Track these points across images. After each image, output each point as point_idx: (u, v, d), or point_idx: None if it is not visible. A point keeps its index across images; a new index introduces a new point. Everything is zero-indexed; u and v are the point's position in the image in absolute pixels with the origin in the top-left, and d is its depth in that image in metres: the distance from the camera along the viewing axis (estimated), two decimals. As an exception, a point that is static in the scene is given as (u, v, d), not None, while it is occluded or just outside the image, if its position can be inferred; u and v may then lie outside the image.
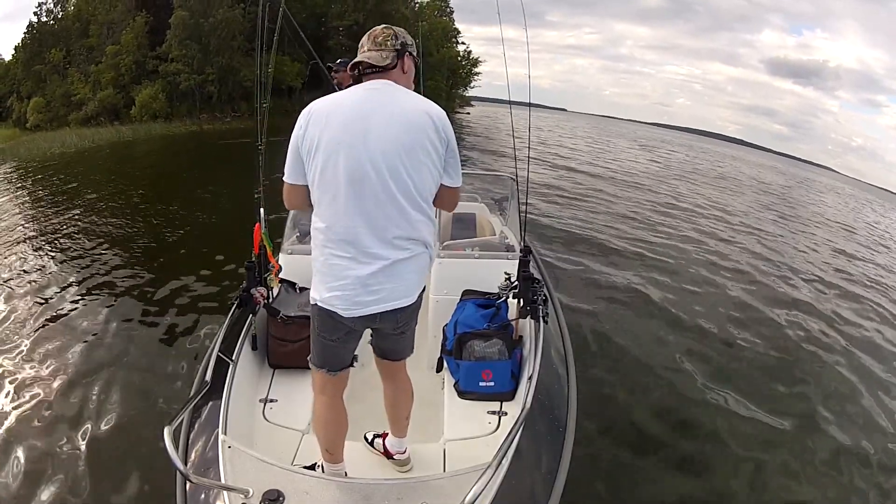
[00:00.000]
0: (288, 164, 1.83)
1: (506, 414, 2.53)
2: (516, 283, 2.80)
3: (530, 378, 2.25)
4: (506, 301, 2.91)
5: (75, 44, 32.23)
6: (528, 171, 3.42)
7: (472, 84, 47.14)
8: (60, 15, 33.38)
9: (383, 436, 2.33)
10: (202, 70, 30.63)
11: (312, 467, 2.03)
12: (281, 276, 2.95)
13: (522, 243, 3.19)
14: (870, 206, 30.03)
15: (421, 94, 1.89)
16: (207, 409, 2.13)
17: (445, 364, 2.84)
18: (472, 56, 45.89)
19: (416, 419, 2.30)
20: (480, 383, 2.63)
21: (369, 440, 2.37)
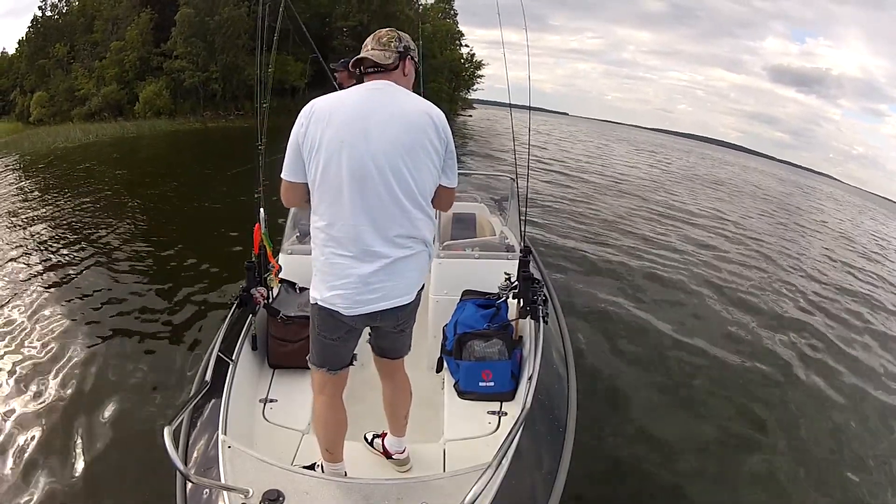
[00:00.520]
0: (287, 161, 1.83)
1: (506, 414, 2.53)
2: (516, 283, 2.81)
3: (530, 378, 2.25)
4: (506, 301, 2.91)
5: (80, 39, 32.27)
6: (528, 172, 3.43)
7: (474, 87, 47.15)
8: (65, 10, 33.46)
9: (382, 436, 2.33)
10: (206, 68, 30.67)
11: (312, 467, 2.03)
12: (281, 276, 2.96)
13: (522, 243, 3.20)
14: (868, 215, 29.96)
15: (422, 96, 1.90)
16: (207, 409, 2.13)
17: (445, 364, 2.84)
18: (474, 59, 45.91)
19: (415, 419, 2.30)
20: (480, 383, 2.64)
21: (369, 440, 2.37)
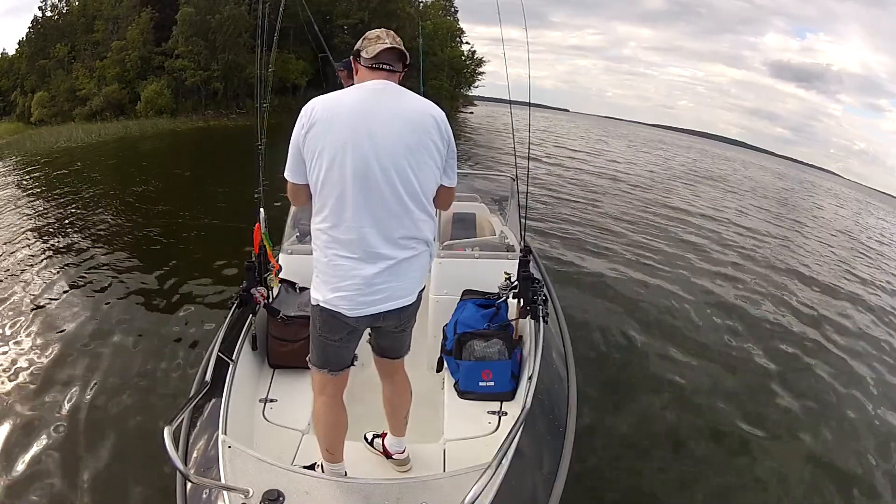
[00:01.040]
0: (290, 163, 1.81)
1: (506, 414, 2.53)
2: (516, 283, 2.81)
3: (530, 378, 2.25)
4: (506, 301, 2.91)
5: (80, 39, 32.26)
6: (528, 171, 3.42)
7: (475, 84, 47.14)
8: (65, 10, 33.44)
9: (382, 436, 2.33)
10: (208, 66, 30.67)
11: (312, 467, 2.04)
12: (281, 276, 2.96)
13: (522, 243, 3.20)
14: (873, 213, 29.87)
15: (422, 93, 1.91)
16: (207, 408, 2.13)
17: (445, 364, 2.84)
18: (475, 56, 45.88)
19: (415, 419, 2.30)
20: (480, 383, 2.64)
21: (369, 440, 2.38)
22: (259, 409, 2.51)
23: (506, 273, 2.96)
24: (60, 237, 7.16)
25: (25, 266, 6.00)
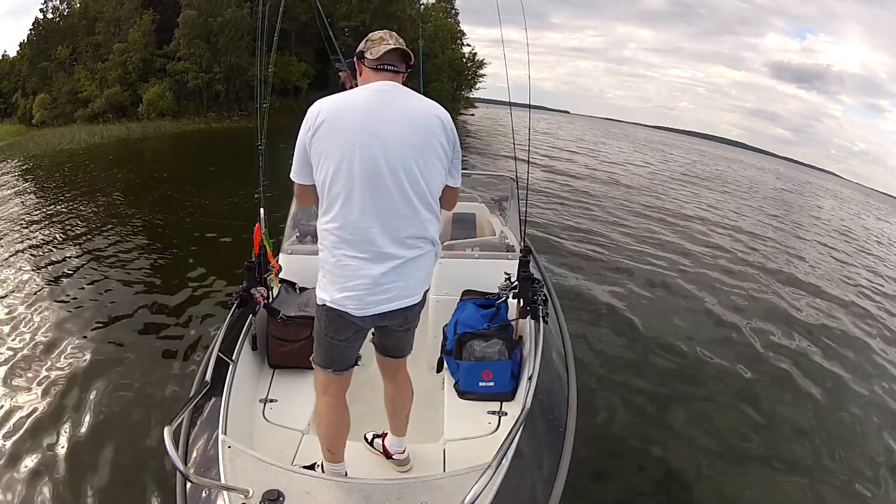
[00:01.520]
0: (296, 164, 1.81)
1: (506, 414, 2.52)
2: (516, 283, 2.80)
3: (530, 378, 2.24)
4: (506, 301, 2.91)
5: (82, 41, 32.39)
6: (528, 172, 3.43)
7: (476, 86, 47.20)
8: (67, 12, 33.55)
9: (383, 436, 2.33)
10: (210, 69, 30.77)
11: (312, 467, 2.04)
12: (281, 276, 2.96)
13: (522, 243, 3.20)
14: (869, 210, 29.83)
15: (423, 95, 1.90)
16: (207, 409, 2.13)
17: (445, 364, 2.83)
18: (476, 58, 45.94)
19: (415, 419, 2.30)
20: (480, 383, 2.63)
21: (369, 440, 2.37)
22: (259, 409, 2.51)
23: (506, 273, 2.96)
24: (60, 238, 7.18)
25: (28, 265, 6.04)
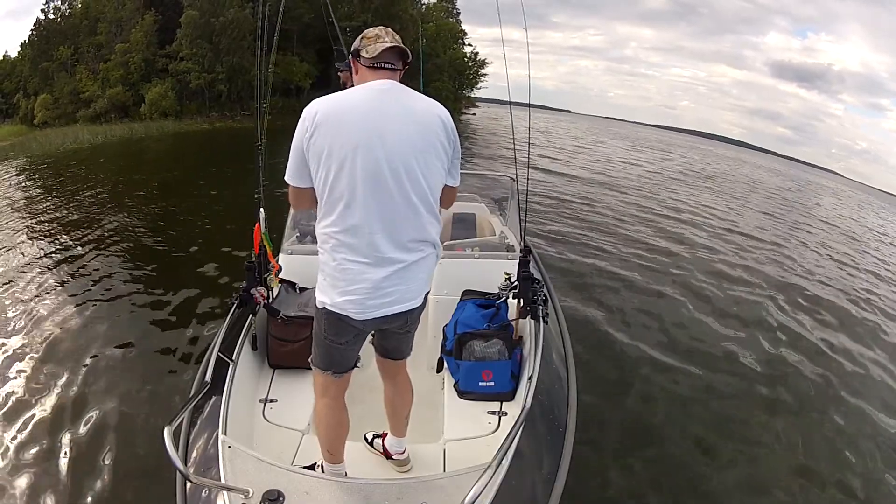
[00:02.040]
0: (292, 166, 1.76)
1: (506, 414, 2.52)
2: (516, 283, 2.80)
3: (530, 378, 2.24)
4: (506, 301, 2.91)
5: (84, 41, 32.44)
6: (528, 172, 3.42)
7: (478, 85, 47.17)
8: (68, 13, 33.60)
9: (383, 436, 2.33)
10: (212, 69, 30.79)
11: (312, 467, 2.04)
12: (281, 276, 2.96)
13: (522, 243, 3.19)
14: (871, 209, 29.74)
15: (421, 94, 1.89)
16: (207, 408, 2.13)
17: (445, 364, 2.84)
18: (477, 57, 45.94)
19: (415, 419, 2.30)
20: (480, 383, 2.63)
21: (369, 440, 2.37)
22: (259, 410, 2.51)
23: (506, 273, 2.96)
24: (60, 236, 7.21)
25: (29, 263, 6.05)
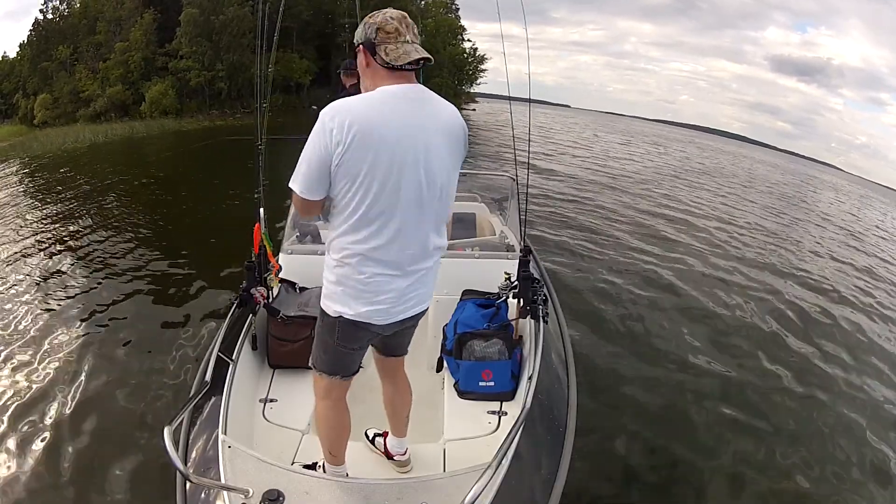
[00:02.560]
0: (307, 179, 1.63)
1: (506, 414, 2.52)
2: (516, 282, 2.80)
3: (530, 378, 2.24)
4: (506, 301, 2.91)
5: (83, 41, 32.42)
6: (528, 171, 3.40)
7: (478, 81, 47.17)
8: (66, 12, 33.57)
9: (384, 435, 2.33)
10: (212, 67, 30.77)
11: (313, 466, 2.04)
12: (281, 275, 2.96)
13: (522, 243, 3.19)
14: (870, 203, 29.67)
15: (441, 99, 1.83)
16: (207, 409, 2.13)
17: (445, 364, 2.83)
18: (477, 53, 45.90)
19: (416, 419, 2.30)
20: (480, 383, 2.63)
21: (370, 437, 2.37)
22: (259, 409, 2.51)
23: (506, 273, 2.95)
24: (60, 236, 7.23)
25: (30, 262, 6.09)
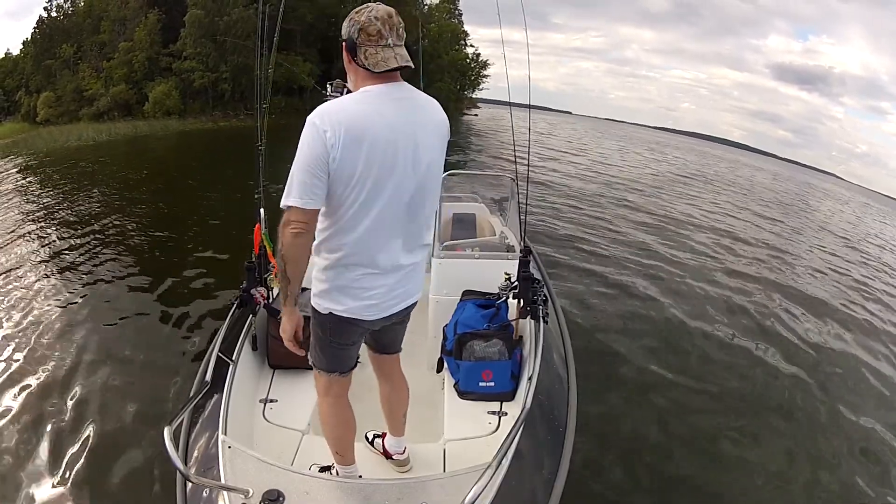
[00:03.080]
0: (302, 187, 1.56)
1: (506, 414, 2.52)
2: (516, 283, 2.80)
3: (530, 378, 2.25)
4: (506, 301, 2.91)
5: (87, 39, 32.49)
6: (528, 172, 3.42)
7: (480, 86, 47.22)
8: (71, 11, 33.67)
9: (383, 436, 2.33)
10: (216, 68, 30.80)
11: (328, 469, 2.06)
12: (281, 276, 2.95)
13: (522, 243, 3.19)
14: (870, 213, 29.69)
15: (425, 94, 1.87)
16: (207, 409, 2.14)
17: (445, 364, 2.84)
18: (479, 58, 45.98)
19: (416, 419, 2.31)
20: (480, 383, 2.63)
21: (370, 439, 2.37)
22: (259, 410, 2.51)
23: (506, 273, 2.96)
24: (61, 235, 7.23)
25: (30, 261, 6.08)
